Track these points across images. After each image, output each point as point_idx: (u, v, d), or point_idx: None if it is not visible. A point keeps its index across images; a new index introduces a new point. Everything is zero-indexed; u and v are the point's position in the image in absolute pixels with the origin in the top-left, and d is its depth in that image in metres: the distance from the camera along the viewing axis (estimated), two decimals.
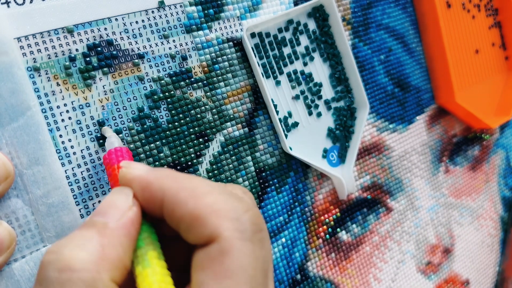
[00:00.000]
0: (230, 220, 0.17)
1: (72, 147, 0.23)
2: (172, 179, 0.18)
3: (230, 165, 0.28)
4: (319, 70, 0.32)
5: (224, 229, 0.17)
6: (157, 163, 0.25)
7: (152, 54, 0.25)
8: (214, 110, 0.28)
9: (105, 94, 0.24)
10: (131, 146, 0.25)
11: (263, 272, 0.17)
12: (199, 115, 0.27)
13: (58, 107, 0.23)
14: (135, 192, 0.19)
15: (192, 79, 0.27)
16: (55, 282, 0.15)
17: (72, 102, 0.23)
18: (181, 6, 0.26)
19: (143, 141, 0.25)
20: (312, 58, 0.32)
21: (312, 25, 0.32)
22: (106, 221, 0.17)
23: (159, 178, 0.18)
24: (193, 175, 0.19)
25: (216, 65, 0.28)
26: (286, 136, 0.30)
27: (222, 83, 0.28)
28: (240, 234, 0.17)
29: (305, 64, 0.31)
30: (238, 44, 0.28)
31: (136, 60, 0.25)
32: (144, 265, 0.17)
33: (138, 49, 0.25)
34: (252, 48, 0.28)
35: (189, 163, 0.26)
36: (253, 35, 0.29)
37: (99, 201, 0.23)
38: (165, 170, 0.19)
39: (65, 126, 0.23)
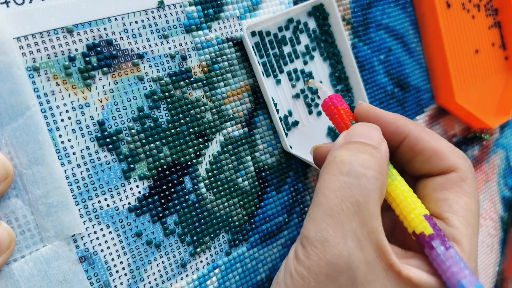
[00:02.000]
0: (463, 159, 0.24)
1: (71, 147, 0.23)
2: (413, 122, 0.25)
3: (230, 165, 0.28)
4: (319, 69, 0.32)
5: (461, 164, 0.24)
6: (157, 163, 0.25)
7: (152, 54, 0.25)
8: (213, 110, 0.28)
9: (104, 94, 0.24)
10: (131, 146, 0.25)
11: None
12: (198, 115, 0.27)
13: (57, 107, 0.23)
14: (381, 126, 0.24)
15: (192, 79, 0.27)
16: (362, 176, 0.21)
17: (71, 102, 0.23)
18: (180, 6, 0.26)
19: (143, 141, 0.25)
20: (312, 57, 0.32)
21: (312, 24, 0.32)
22: (374, 144, 0.22)
23: (404, 119, 0.25)
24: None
25: (216, 65, 0.28)
26: (286, 135, 0.30)
27: (221, 83, 0.28)
28: (471, 171, 0.24)
29: (305, 63, 0.31)
30: (238, 44, 0.28)
31: (136, 60, 0.25)
32: (392, 178, 0.23)
33: (138, 49, 0.25)
34: (252, 46, 0.28)
35: (189, 163, 0.26)
36: (253, 34, 0.29)
37: (99, 201, 0.23)
38: (400, 115, 0.25)
39: (64, 126, 0.23)
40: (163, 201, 0.25)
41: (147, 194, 0.25)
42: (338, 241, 0.20)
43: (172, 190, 0.26)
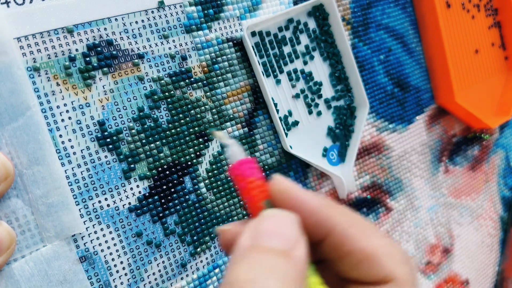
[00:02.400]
0: (402, 265, 0.18)
1: (72, 147, 0.23)
2: (340, 211, 0.19)
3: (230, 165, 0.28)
4: (319, 69, 0.32)
5: (399, 273, 0.18)
6: (157, 163, 0.25)
7: (152, 54, 0.25)
8: (214, 110, 0.28)
9: (105, 94, 0.24)
10: (131, 146, 0.25)
11: None
12: (199, 115, 0.27)
13: (58, 107, 0.23)
14: (299, 215, 0.18)
15: (192, 79, 0.27)
16: None
17: (72, 102, 0.23)
18: (180, 6, 0.26)
19: (143, 141, 0.25)
20: (312, 57, 0.32)
21: (312, 24, 0.32)
22: (286, 250, 0.17)
23: (329, 207, 0.19)
24: (352, 212, 0.20)
25: (216, 65, 0.28)
26: (286, 135, 0.30)
27: (221, 83, 0.28)
28: (412, 279, 0.18)
29: (305, 63, 0.31)
30: (238, 44, 0.28)
31: (136, 60, 0.25)
32: None
33: (138, 49, 0.25)
34: (252, 46, 0.28)
35: (189, 163, 0.26)
36: (253, 34, 0.29)
37: (99, 201, 0.23)
38: (325, 200, 0.19)
39: (65, 126, 0.23)
40: (163, 201, 0.25)
41: (147, 194, 0.25)
42: None
43: (172, 190, 0.26)
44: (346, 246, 0.18)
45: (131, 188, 0.25)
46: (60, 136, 0.23)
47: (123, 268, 0.24)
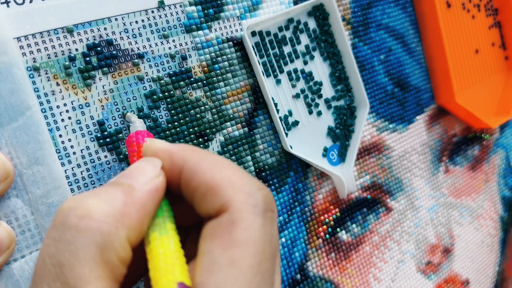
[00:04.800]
0: (243, 193, 0.17)
1: (72, 147, 0.23)
2: (194, 151, 0.19)
3: None
4: (319, 69, 0.32)
5: (236, 200, 0.17)
6: None
7: (152, 54, 0.25)
8: (213, 110, 0.28)
9: (104, 94, 0.24)
10: None
11: (272, 250, 0.17)
12: (198, 115, 0.27)
13: (58, 107, 0.23)
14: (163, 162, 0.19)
15: (192, 79, 0.27)
16: (72, 228, 0.15)
17: (72, 102, 0.23)
18: (181, 6, 0.26)
19: None
20: (312, 57, 0.32)
21: (312, 24, 0.32)
22: (132, 183, 0.17)
23: (182, 150, 0.19)
24: (213, 153, 0.20)
25: (216, 65, 0.28)
26: (286, 134, 0.30)
27: (221, 83, 0.28)
28: (252, 208, 0.17)
29: (305, 63, 0.31)
30: (238, 44, 0.28)
31: (136, 60, 0.25)
32: (161, 232, 0.17)
33: (138, 49, 0.25)
34: (252, 46, 0.28)
35: None
36: (253, 33, 0.29)
37: None
38: (187, 145, 0.20)
39: (65, 126, 0.23)
40: None
41: None
42: None
43: None
44: (194, 180, 0.18)
45: None
46: (60, 136, 0.23)
47: None
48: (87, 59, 0.23)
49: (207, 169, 0.18)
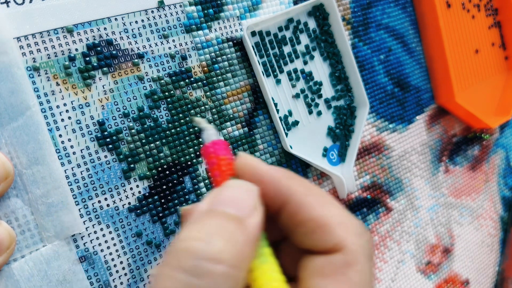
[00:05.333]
0: (356, 235, 0.18)
1: (71, 147, 0.23)
2: (299, 181, 0.19)
3: None
4: (319, 68, 0.32)
5: (350, 242, 0.17)
6: (157, 162, 0.25)
7: (152, 54, 0.25)
8: (214, 110, 0.28)
9: (104, 94, 0.24)
10: (131, 146, 0.25)
11: None
12: (199, 115, 0.27)
13: (57, 107, 0.23)
14: (260, 186, 0.18)
15: (192, 79, 0.27)
16: (206, 274, 0.15)
17: (71, 102, 0.23)
18: (180, 6, 0.26)
19: (143, 140, 0.25)
20: (312, 57, 0.32)
21: (312, 24, 0.32)
22: (240, 217, 0.17)
23: (288, 178, 0.19)
24: (313, 184, 0.20)
25: (216, 65, 0.28)
26: (286, 134, 0.30)
27: (221, 83, 0.28)
28: (364, 251, 0.18)
29: (305, 62, 0.31)
30: (238, 43, 0.28)
31: (136, 60, 0.25)
32: (261, 260, 0.17)
33: (138, 49, 0.25)
34: (252, 46, 0.28)
35: (189, 162, 0.26)
36: (253, 33, 0.29)
37: (99, 201, 0.23)
38: (288, 171, 0.19)
39: (64, 126, 0.23)
40: (163, 201, 0.25)
41: (147, 194, 0.25)
42: None
43: (172, 190, 0.26)
44: (301, 214, 0.18)
45: (131, 188, 0.25)
46: (60, 136, 0.23)
47: (123, 268, 0.24)
48: (87, 59, 0.23)
49: (315, 204, 0.18)
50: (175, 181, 0.26)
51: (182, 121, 0.26)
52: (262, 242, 0.18)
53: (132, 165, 0.25)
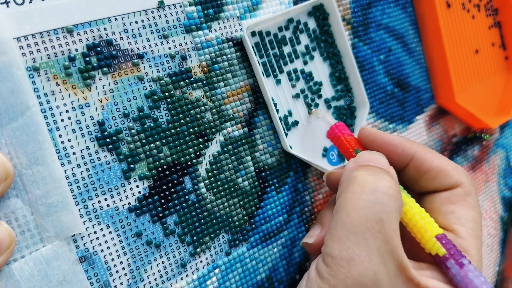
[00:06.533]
0: (465, 175, 0.26)
1: (71, 147, 0.23)
2: (416, 143, 0.27)
3: (230, 165, 0.28)
4: (319, 69, 0.32)
5: (465, 180, 0.26)
6: (157, 163, 0.25)
7: (152, 54, 0.25)
8: (213, 110, 0.28)
9: (104, 94, 0.24)
10: (131, 146, 0.25)
11: None
12: (198, 115, 0.27)
13: (57, 107, 0.23)
14: (387, 149, 0.26)
15: (192, 79, 0.27)
16: (386, 194, 0.22)
17: (71, 102, 0.23)
18: (180, 6, 0.26)
19: (143, 141, 0.25)
20: (312, 57, 0.32)
21: (312, 24, 0.32)
22: (384, 168, 0.24)
23: (409, 141, 0.26)
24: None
25: (216, 65, 0.28)
26: (286, 135, 0.30)
27: (221, 83, 0.28)
28: (473, 184, 0.26)
29: (305, 63, 0.31)
30: (237, 44, 0.28)
31: (136, 60, 0.25)
32: (404, 200, 0.24)
33: (138, 49, 0.25)
34: (252, 46, 0.28)
35: (189, 163, 0.26)
36: (253, 33, 0.29)
37: (99, 201, 0.23)
38: (402, 136, 0.28)
39: (64, 126, 0.23)
40: (163, 201, 0.25)
41: (147, 194, 0.25)
42: (363, 259, 0.21)
43: (172, 190, 0.26)
44: (425, 165, 0.26)
45: (131, 188, 0.25)
46: (60, 136, 0.23)
47: (123, 268, 0.24)
48: (87, 59, 0.23)
49: (433, 157, 0.26)
50: (175, 181, 0.26)
51: (182, 121, 0.26)
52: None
53: (132, 165, 0.25)
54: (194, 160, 0.27)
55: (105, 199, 0.24)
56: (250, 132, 0.29)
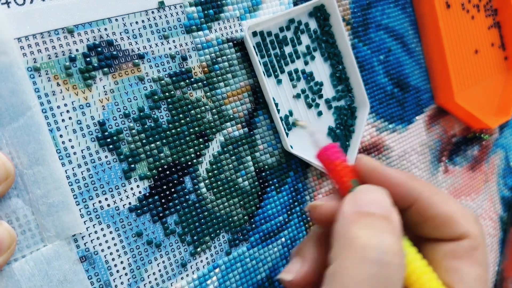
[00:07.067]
0: (475, 224, 0.22)
1: (72, 147, 0.23)
2: (422, 182, 0.23)
3: (230, 165, 0.28)
4: (320, 69, 0.32)
5: (473, 230, 0.22)
6: (157, 163, 0.25)
7: (152, 54, 0.25)
8: (214, 110, 0.28)
9: (105, 94, 0.24)
10: (132, 146, 0.25)
11: None
12: (199, 115, 0.27)
13: (58, 107, 0.23)
14: (388, 188, 0.22)
15: (192, 79, 0.27)
16: (391, 265, 0.19)
17: (72, 102, 0.23)
18: (181, 6, 0.26)
19: (143, 141, 0.25)
20: (313, 57, 0.32)
21: (313, 25, 0.32)
22: (386, 215, 0.20)
23: (413, 179, 0.23)
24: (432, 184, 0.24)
25: (216, 65, 0.28)
26: (287, 134, 0.30)
27: (222, 83, 0.28)
28: (483, 236, 0.22)
29: (306, 63, 0.31)
30: (238, 44, 0.29)
31: (136, 60, 0.25)
32: (405, 247, 0.21)
33: (138, 49, 0.25)
34: (254, 46, 0.28)
35: (189, 163, 0.27)
36: (254, 34, 0.29)
37: (99, 201, 0.23)
38: (412, 175, 0.23)
39: (65, 126, 0.23)
40: (163, 201, 0.25)
41: (147, 194, 0.25)
42: None
43: (173, 190, 0.26)
44: (430, 211, 0.22)
45: (131, 188, 0.25)
46: (61, 136, 0.23)
47: (123, 268, 0.24)
48: (88, 59, 0.23)
49: (441, 202, 0.22)
50: (175, 181, 0.26)
51: (182, 121, 0.26)
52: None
53: (132, 165, 0.25)
54: (195, 160, 0.27)
55: (106, 199, 0.24)
56: (250, 132, 0.29)
